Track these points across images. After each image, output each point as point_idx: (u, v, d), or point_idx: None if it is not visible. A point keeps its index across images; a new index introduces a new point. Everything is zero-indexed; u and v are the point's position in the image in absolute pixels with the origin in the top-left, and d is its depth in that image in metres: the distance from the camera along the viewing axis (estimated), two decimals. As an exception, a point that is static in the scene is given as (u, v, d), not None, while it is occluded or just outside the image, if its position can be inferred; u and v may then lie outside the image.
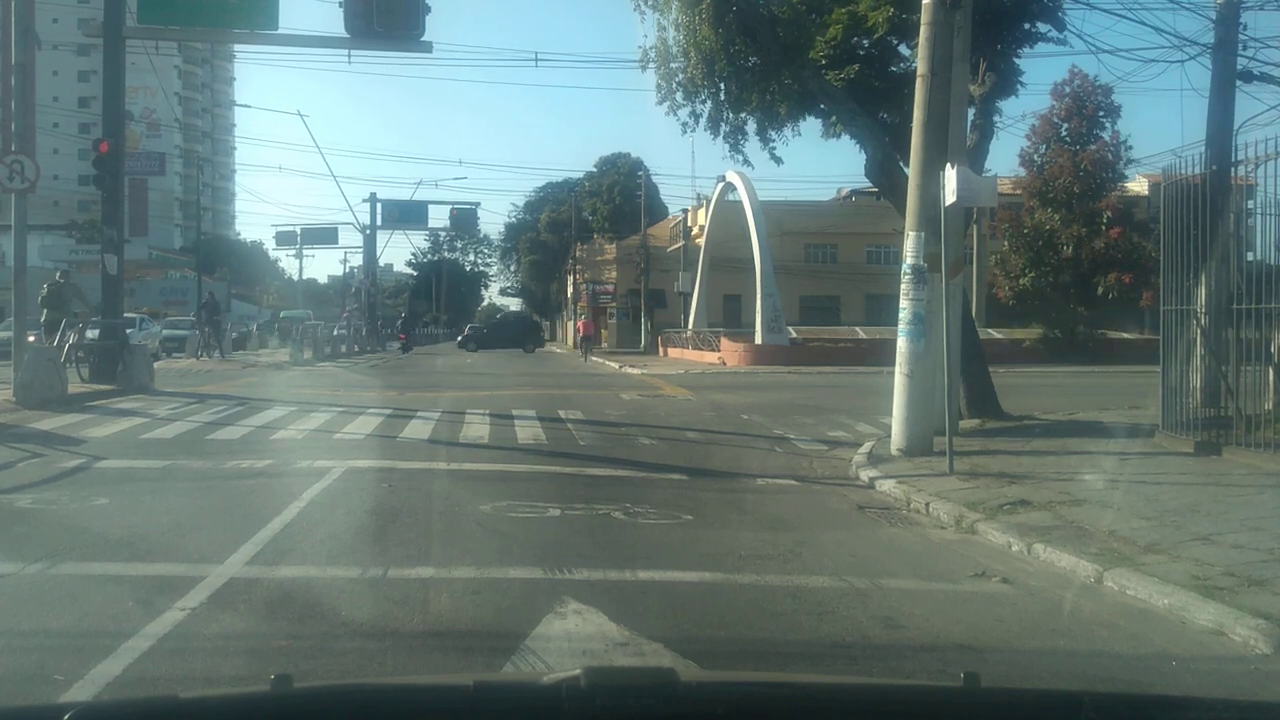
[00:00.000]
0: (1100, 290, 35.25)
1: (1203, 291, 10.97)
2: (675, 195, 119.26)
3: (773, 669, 4.36)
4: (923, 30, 10.60)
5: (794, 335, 36.09)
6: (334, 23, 18.38)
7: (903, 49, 14.16)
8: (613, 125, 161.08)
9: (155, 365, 20.79)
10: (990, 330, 32.57)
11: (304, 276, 67.97)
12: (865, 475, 9.52)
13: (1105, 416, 13.58)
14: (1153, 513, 7.31)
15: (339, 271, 72.80)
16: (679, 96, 14.47)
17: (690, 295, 43.32)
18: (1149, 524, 6.93)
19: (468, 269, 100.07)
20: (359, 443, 11.86)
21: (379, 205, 53.06)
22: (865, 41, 13.84)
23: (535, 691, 1.92)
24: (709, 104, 14.47)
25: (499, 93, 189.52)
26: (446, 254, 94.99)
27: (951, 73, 10.75)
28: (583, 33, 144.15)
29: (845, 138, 14.11)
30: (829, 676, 4.09)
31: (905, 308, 10.38)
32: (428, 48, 18.81)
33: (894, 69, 14.29)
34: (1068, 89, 36.11)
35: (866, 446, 11.20)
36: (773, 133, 14.66)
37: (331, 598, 5.31)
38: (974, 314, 20.94)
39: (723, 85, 14.15)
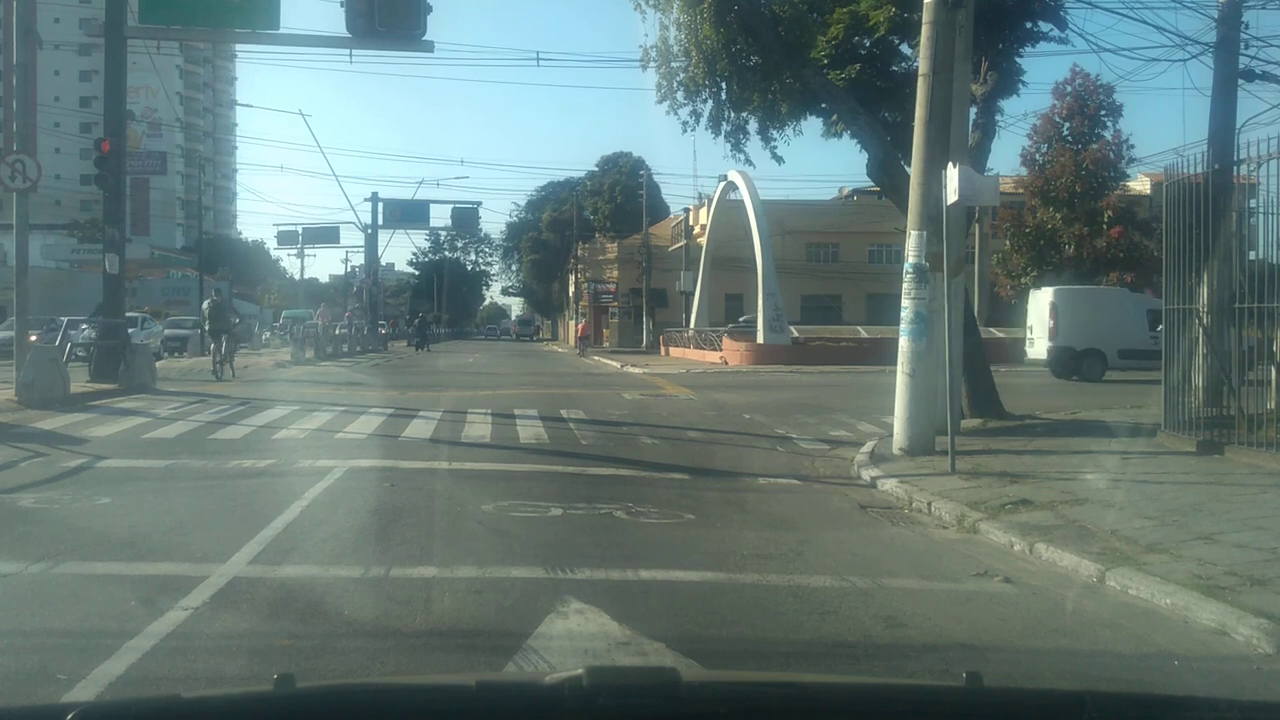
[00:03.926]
0: (1102, 290, 35.22)
1: (1205, 291, 10.97)
2: (677, 194, 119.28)
3: (775, 669, 4.36)
4: (924, 29, 10.59)
5: (796, 334, 36.09)
6: (336, 22, 18.48)
7: (904, 48, 14.17)
8: (614, 124, 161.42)
9: (157, 364, 20.82)
10: (992, 329, 32.51)
11: (306, 276, 68.10)
12: (867, 475, 9.51)
13: (1107, 416, 13.58)
14: (1155, 512, 7.31)
15: (341, 271, 72.93)
16: (680, 95, 14.47)
17: (692, 294, 43.34)
18: (1151, 523, 6.93)
19: (469, 268, 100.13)
20: (361, 442, 11.86)
21: (380, 205, 53.15)
22: (867, 41, 13.85)
23: (537, 691, 1.92)
24: (710, 103, 14.47)
25: (500, 92, 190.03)
26: (448, 253, 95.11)
27: (953, 72, 10.75)
28: (584, 32, 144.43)
29: (847, 137, 14.12)
30: (831, 676, 4.09)
31: (907, 307, 10.37)
32: (429, 47, 18.82)
33: (895, 68, 14.29)
34: (1069, 88, 36.10)
35: (868, 446, 11.19)
36: (774, 132, 14.67)
37: (334, 597, 5.31)
38: (975, 313, 20.92)
39: (724, 84, 14.15)
